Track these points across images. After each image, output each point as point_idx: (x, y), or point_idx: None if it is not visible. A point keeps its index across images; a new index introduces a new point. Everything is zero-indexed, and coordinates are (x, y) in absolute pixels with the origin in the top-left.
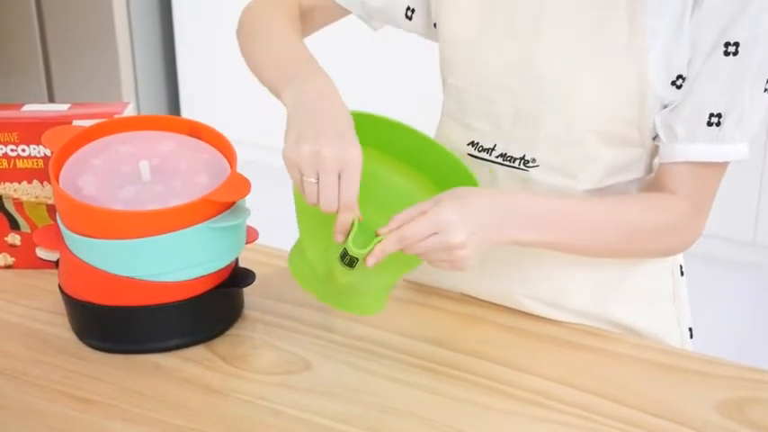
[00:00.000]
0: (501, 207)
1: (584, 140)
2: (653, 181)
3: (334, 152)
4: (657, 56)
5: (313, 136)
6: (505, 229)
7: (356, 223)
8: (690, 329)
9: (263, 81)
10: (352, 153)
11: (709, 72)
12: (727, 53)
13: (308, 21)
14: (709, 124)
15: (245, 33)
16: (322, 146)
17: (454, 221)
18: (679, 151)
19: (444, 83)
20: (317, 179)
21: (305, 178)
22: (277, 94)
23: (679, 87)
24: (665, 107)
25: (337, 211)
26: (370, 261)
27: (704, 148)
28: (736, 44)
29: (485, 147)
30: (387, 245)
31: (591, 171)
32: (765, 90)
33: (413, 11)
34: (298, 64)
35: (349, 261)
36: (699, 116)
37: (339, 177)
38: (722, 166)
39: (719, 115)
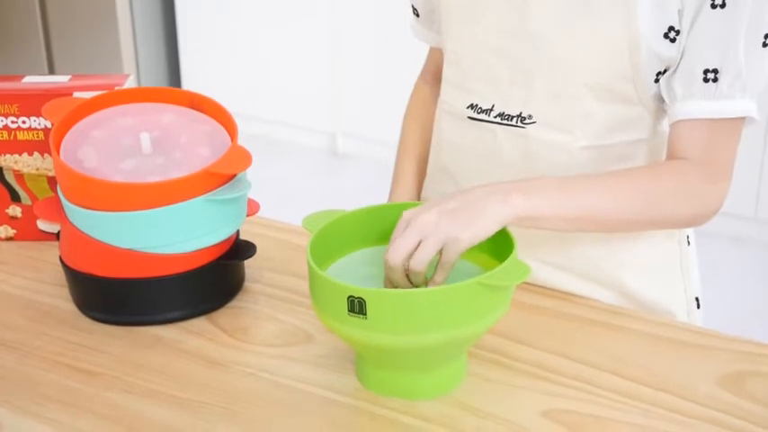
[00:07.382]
0: (492, 184)
1: (578, 95)
2: (666, 150)
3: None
4: (647, 6)
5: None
6: (506, 194)
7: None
8: (697, 299)
9: None
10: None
11: (699, 27)
12: (713, 5)
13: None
14: (706, 80)
15: None
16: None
17: (420, 208)
18: (679, 110)
19: (444, 51)
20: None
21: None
22: None
23: (673, 41)
24: (665, 69)
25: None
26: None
27: (703, 104)
28: None
29: (483, 108)
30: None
31: (587, 127)
32: (765, 45)
33: None
34: (394, 177)
35: (358, 307)
36: (693, 73)
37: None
38: (730, 125)
39: (715, 71)
